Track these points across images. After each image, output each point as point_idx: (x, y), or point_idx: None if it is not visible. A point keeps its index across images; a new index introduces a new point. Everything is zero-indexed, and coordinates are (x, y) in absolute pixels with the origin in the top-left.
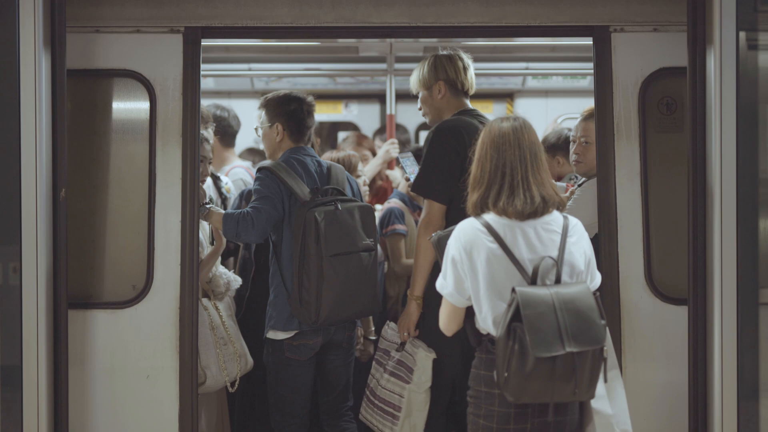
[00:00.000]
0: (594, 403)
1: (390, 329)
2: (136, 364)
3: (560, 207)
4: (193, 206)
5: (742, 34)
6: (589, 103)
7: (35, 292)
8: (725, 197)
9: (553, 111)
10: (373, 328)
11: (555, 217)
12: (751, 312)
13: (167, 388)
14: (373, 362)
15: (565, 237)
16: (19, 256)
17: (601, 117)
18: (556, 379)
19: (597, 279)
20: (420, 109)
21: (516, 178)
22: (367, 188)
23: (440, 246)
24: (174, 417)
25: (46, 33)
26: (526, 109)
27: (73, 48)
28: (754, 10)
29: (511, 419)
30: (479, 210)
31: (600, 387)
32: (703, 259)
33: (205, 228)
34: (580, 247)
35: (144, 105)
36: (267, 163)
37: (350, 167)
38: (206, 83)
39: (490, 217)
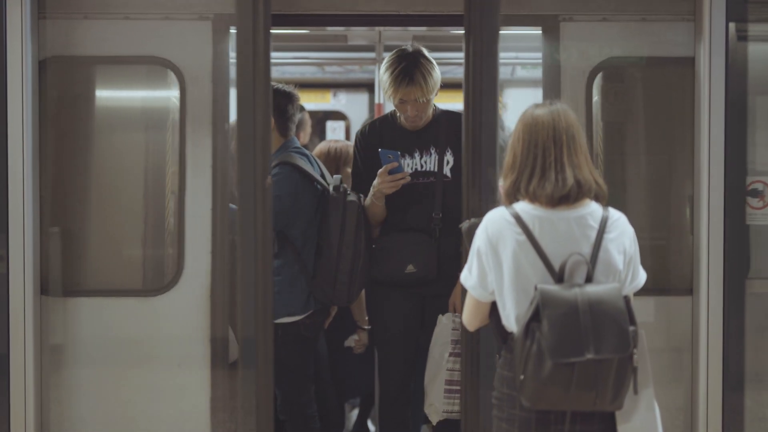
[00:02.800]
0: (619, 418)
1: (453, 318)
2: (167, 352)
3: (600, 197)
4: (224, 194)
5: (732, 25)
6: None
7: (22, 280)
8: (713, 188)
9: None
10: (366, 317)
11: (592, 211)
12: (738, 303)
13: (198, 376)
14: (448, 356)
15: (602, 233)
16: (6, 244)
17: None
18: (575, 387)
19: (640, 278)
20: (415, 115)
21: (548, 159)
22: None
23: (470, 235)
24: (205, 405)
25: (33, 18)
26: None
27: (99, 34)
28: (744, 0)
29: (533, 425)
30: (512, 197)
31: (627, 401)
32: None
33: None
34: (620, 244)
35: (173, 93)
36: (285, 157)
37: (347, 158)
38: None
39: (520, 206)
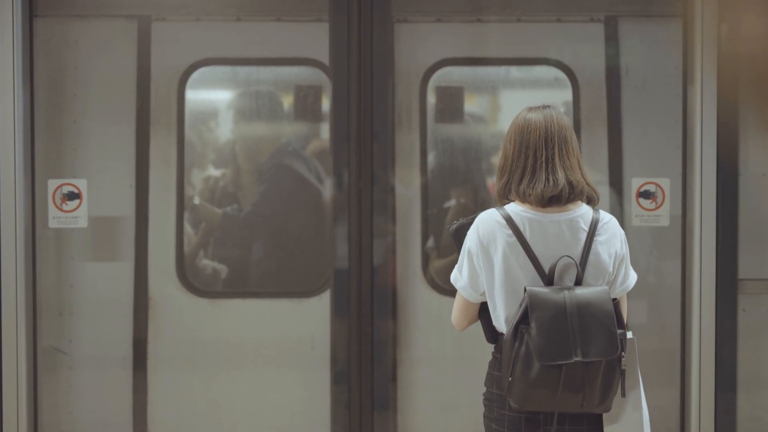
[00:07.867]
0: (606, 419)
1: None
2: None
3: (592, 200)
4: None
5: (724, 26)
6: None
7: (15, 286)
8: (705, 188)
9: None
10: None
11: (583, 213)
12: (730, 303)
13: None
14: None
15: (592, 235)
16: None
17: (383, 108)
18: (562, 389)
19: (630, 279)
20: None
21: (539, 160)
22: None
23: (459, 236)
24: None
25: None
26: None
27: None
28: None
29: (522, 425)
30: (504, 198)
31: (614, 407)
32: None
33: None
34: (611, 247)
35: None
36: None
37: None
38: None
39: (511, 207)
